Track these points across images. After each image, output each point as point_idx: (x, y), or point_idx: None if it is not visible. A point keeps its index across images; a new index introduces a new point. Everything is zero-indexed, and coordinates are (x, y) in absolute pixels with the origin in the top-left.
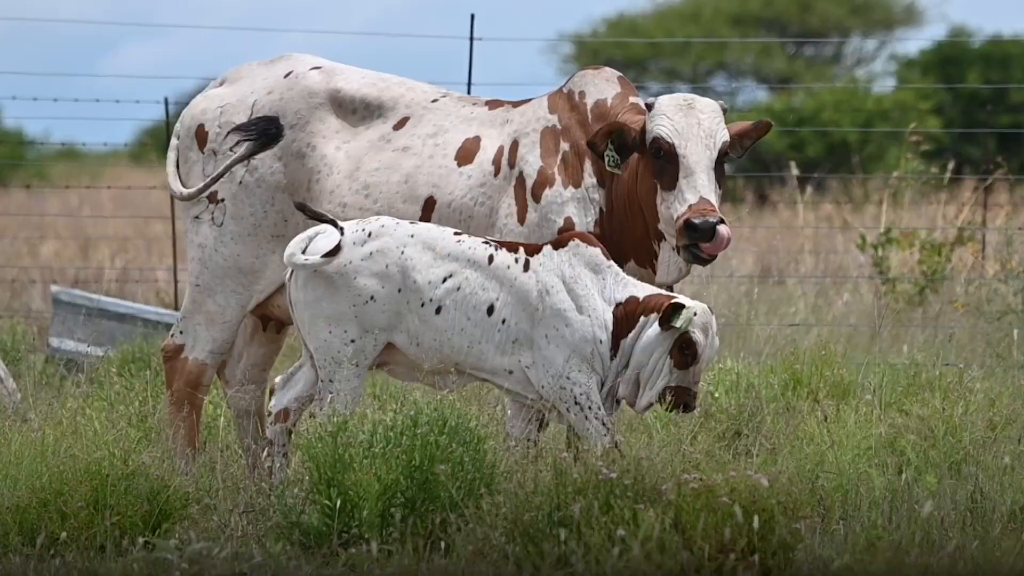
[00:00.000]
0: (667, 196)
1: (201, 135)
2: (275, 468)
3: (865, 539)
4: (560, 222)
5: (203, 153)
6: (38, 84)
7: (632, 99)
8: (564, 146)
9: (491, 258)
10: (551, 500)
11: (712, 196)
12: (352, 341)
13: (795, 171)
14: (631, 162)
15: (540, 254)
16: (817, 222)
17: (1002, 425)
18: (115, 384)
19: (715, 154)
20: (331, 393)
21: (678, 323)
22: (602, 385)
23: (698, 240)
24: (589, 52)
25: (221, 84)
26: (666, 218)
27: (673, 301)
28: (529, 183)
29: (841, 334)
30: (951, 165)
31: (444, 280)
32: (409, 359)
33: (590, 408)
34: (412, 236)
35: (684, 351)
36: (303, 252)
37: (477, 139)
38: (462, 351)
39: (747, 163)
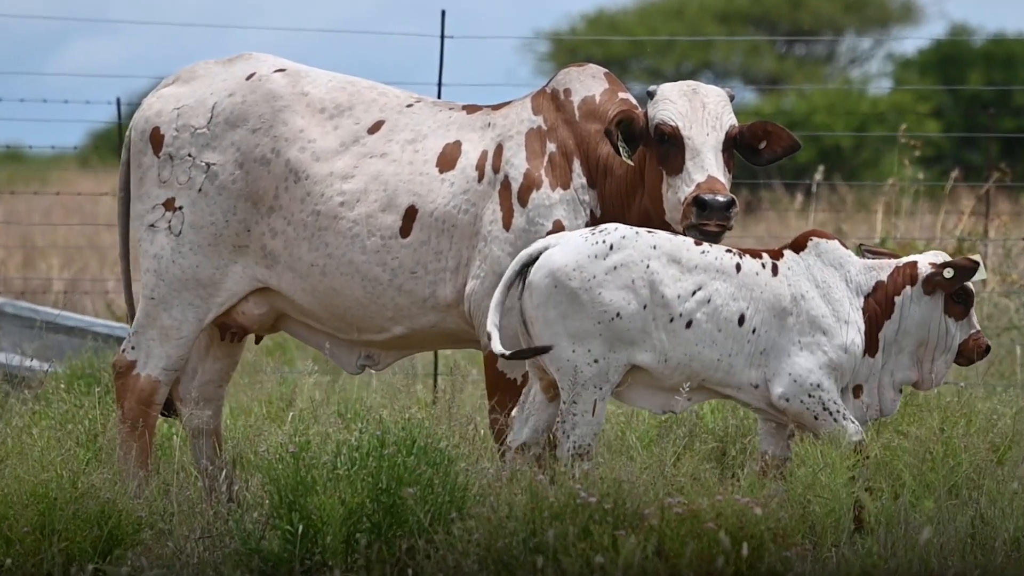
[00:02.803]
0: (673, 181)
1: (156, 138)
2: None
3: (859, 567)
4: (548, 226)
5: (158, 158)
6: None
7: (621, 95)
8: (551, 147)
9: (739, 266)
10: (526, 525)
11: (721, 176)
12: (596, 361)
13: (819, 176)
14: (635, 158)
15: (784, 258)
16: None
17: (1005, 447)
18: (63, 401)
19: (722, 136)
20: (575, 416)
21: (949, 274)
22: (858, 388)
23: (707, 220)
24: (567, 50)
25: (174, 83)
26: (672, 204)
27: (932, 264)
28: (515, 187)
29: None
30: (955, 173)
31: (693, 293)
32: (648, 379)
33: (839, 411)
34: (655, 248)
35: (960, 301)
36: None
37: (458, 144)
38: (711, 365)
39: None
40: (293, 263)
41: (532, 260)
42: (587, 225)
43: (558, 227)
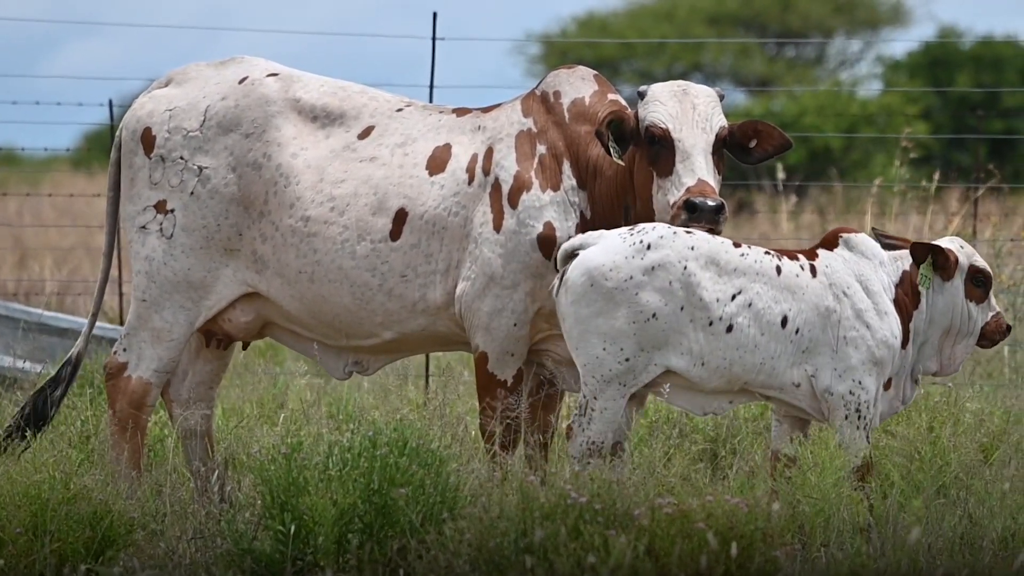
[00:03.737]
0: (664, 183)
1: (147, 139)
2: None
3: (848, 567)
4: (539, 227)
5: (150, 159)
6: None
7: (611, 96)
8: (540, 149)
9: (779, 269)
10: (517, 525)
11: (711, 179)
12: (626, 360)
13: (781, 174)
14: (625, 158)
15: (820, 257)
16: (798, 232)
17: (993, 448)
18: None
19: (712, 138)
20: (593, 411)
21: (926, 271)
22: (889, 382)
23: (696, 223)
24: (558, 52)
25: (167, 84)
26: (662, 206)
27: (930, 248)
28: (505, 189)
29: None
30: (936, 174)
31: (733, 297)
32: (685, 381)
33: (865, 420)
34: (693, 249)
35: (979, 283)
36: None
37: (448, 147)
38: (754, 368)
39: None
40: (281, 269)
41: (571, 254)
42: (577, 227)
43: (548, 229)
